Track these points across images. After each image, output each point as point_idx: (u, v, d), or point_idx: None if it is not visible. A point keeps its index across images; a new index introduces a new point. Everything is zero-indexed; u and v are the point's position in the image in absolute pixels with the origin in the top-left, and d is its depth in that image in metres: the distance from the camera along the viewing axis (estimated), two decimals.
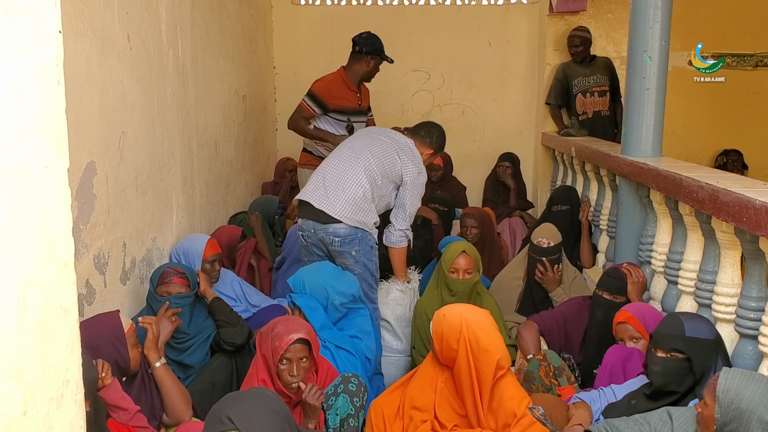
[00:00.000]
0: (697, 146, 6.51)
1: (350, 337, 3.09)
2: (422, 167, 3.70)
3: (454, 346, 2.54)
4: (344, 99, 4.78)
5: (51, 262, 1.19)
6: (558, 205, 4.71)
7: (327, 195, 3.46)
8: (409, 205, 3.64)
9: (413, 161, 3.65)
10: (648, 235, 3.66)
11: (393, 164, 3.59)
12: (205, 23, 4.29)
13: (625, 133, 3.86)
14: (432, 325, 2.63)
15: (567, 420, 2.57)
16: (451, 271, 3.54)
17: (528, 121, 6.67)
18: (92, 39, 2.68)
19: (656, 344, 2.43)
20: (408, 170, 3.62)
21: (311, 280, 3.12)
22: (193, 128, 4.02)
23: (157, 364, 2.63)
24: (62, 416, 1.23)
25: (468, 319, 2.58)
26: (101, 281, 2.78)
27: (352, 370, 2.95)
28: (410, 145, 3.71)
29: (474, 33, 6.59)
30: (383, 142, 3.64)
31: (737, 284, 2.69)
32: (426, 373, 2.68)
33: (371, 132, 3.86)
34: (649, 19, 3.61)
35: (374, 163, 3.53)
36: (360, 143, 3.66)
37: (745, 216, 2.35)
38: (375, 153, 3.57)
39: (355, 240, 3.46)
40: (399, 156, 3.61)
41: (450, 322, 2.56)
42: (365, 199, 3.47)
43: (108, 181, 2.82)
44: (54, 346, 1.20)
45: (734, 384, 1.93)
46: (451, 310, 2.65)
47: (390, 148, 3.61)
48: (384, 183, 3.56)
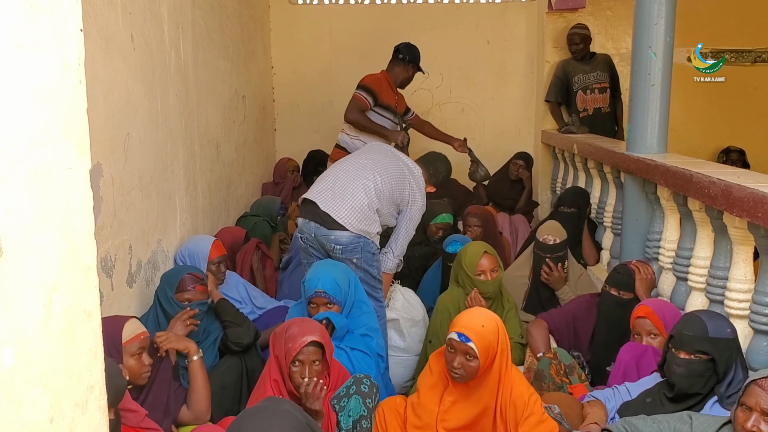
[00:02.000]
0: (696, 143, 6.50)
1: (361, 336, 3.07)
2: (425, 199, 3.73)
3: (495, 349, 2.54)
4: (389, 97, 5.05)
5: (75, 266, 1.16)
6: (565, 207, 4.68)
7: (334, 198, 3.39)
8: (409, 232, 3.67)
9: (420, 191, 3.67)
10: (655, 232, 3.65)
11: (402, 188, 3.58)
12: (206, 23, 4.26)
13: (629, 129, 3.85)
14: (477, 342, 2.49)
15: (582, 419, 2.55)
16: (478, 274, 3.52)
17: (527, 118, 6.65)
18: (97, 39, 2.65)
19: (680, 346, 2.40)
20: (415, 198, 3.62)
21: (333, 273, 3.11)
22: (195, 129, 4.00)
23: (195, 357, 2.68)
24: (87, 422, 1.21)
25: (494, 317, 2.62)
26: (108, 284, 2.75)
27: (368, 370, 2.93)
28: (420, 174, 3.72)
29: (472, 31, 6.58)
30: (398, 165, 3.63)
31: (750, 280, 2.68)
32: (432, 387, 2.65)
33: (387, 150, 3.85)
34: (653, 15, 3.59)
35: (386, 180, 3.50)
36: (376, 157, 3.64)
37: (760, 211, 2.33)
38: (389, 171, 3.55)
39: (357, 248, 3.38)
40: (409, 183, 3.61)
41: (490, 329, 2.54)
42: (371, 208, 3.41)
43: (114, 183, 2.79)
44: (78, 351, 1.18)
45: None
46: (479, 319, 2.58)
47: (403, 172, 3.61)
48: (389, 203, 3.53)
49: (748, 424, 1.96)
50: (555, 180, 6.04)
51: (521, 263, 4.12)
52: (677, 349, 2.40)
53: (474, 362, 2.49)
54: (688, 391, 2.39)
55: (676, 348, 2.41)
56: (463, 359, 2.50)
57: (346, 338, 3.04)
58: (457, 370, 2.50)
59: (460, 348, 2.50)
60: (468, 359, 2.49)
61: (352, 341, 3.04)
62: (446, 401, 2.60)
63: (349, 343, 3.02)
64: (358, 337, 3.06)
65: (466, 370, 2.50)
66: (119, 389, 2.05)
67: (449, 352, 2.53)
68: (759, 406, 1.95)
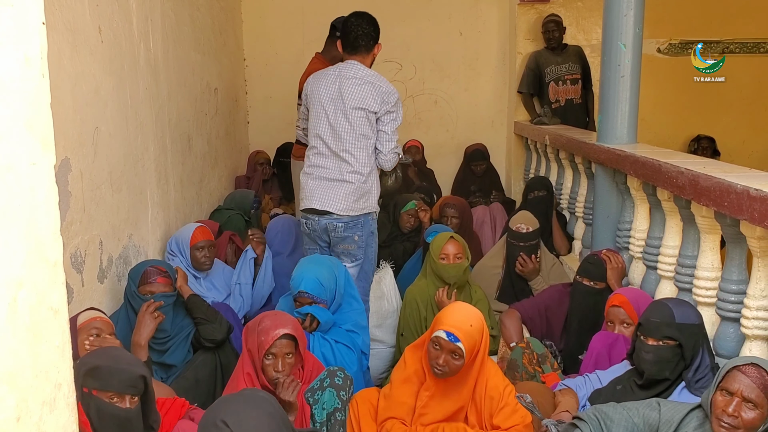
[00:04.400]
0: (665, 132, 6.58)
1: (347, 331, 3.07)
2: (390, 87, 3.58)
3: (479, 347, 2.54)
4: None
5: (40, 262, 1.15)
6: (534, 191, 4.74)
7: (327, 194, 3.49)
8: (395, 128, 3.60)
9: (381, 90, 3.52)
10: (625, 222, 3.70)
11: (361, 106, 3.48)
12: (176, 15, 4.21)
13: (600, 120, 3.89)
14: (465, 342, 2.48)
15: (554, 407, 2.58)
16: (441, 258, 3.54)
17: (500, 110, 6.69)
18: (63, 32, 2.61)
19: (647, 332, 2.43)
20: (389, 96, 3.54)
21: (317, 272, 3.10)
22: (166, 122, 3.95)
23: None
24: (55, 420, 1.20)
25: (479, 315, 2.63)
26: (79, 280, 2.72)
27: (351, 365, 2.95)
28: (366, 75, 3.54)
29: (445, 23, 6.58)
30: (342, 100, 3.49)
31: (717, 268, 2.73)
32: (408, 381, 2.63)
33: (325, 100, 3.54)
34: (623, 6, 3.62)
35: (350, 135, 3.48)
36: (325, 127, 3.53)
37: (726, 200, 2.37)
38: (342, 126, 3.49)
39: (357, 225, 3.52)
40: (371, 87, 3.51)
41: (477, 328, 2.55)
42: (360, 181, 3.48)
43: (83, 177, 2.75)
44: (45, 348, 1.16)
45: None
46: (466, 317, 2.57)
47: (351, 100, 3.49)
48: (367, 131, 3.50)
49: (729, 409, 1.98)
50: (528, 171, 6.08)
51: (494, 253, 4.15)
52: (646, 336, 2.44)
53: (459, 361, 2.48)
54: (657, 377, 2.43)
55: (644, 335, 2.45)
56: (448, 357, 2.48)
57: (331, 331, 3.06)
58: (441, 367, 2.49)
59: (447, 347, 2.48)
60: (454, 358, 2.48)
61: (338, 335, 3.05)
62: (423, 396, 2.59)
63: (335, 336, 3.03)
64: (344, 332, 3.07)
65: (450, 368, 2.49)
66: (139, 378, 2.02)
67: (434, 349, 2.50)
68: (741, 393, 1.97)
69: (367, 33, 3.59)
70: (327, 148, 3.51)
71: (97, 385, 1.97)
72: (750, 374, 1.98)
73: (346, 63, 3.60)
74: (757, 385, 1.97)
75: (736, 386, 1.98)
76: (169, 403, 2.30)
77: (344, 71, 3.55)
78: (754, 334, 2.42)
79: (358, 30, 3.58)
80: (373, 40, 3.62)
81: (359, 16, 3.64)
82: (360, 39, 3.57)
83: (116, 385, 1.97)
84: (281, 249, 4.11)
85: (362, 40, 3.57)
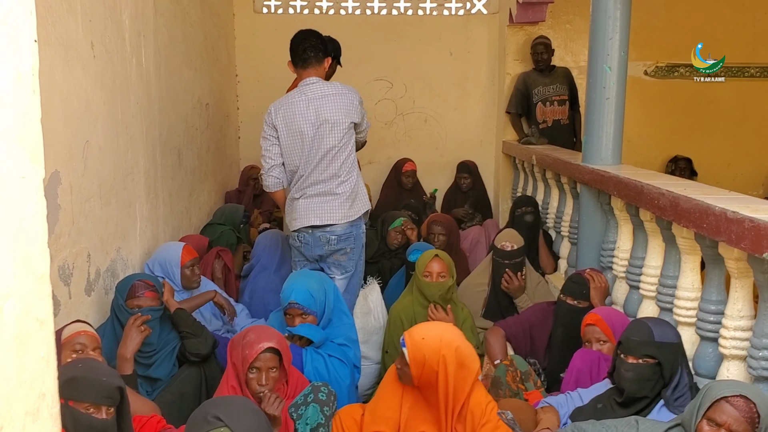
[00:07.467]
0: (651, 154, 6.67)
1: (339, 345, 3.10)
2: (352, 89, 3.69)
3: (435, 368, 2.44)
4: None
5: (28, 274, 1.17)
6: (522, 207, 4.78)
7: (323, 208, 3.58)
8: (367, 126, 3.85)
9: (349, 98, 3.62)
10: (609, 241, 3.74)
11: (345, 118, 3.60)
12: (168, 31, 4.25)
13: (585, 141, 3.94)
14: (409, 350, 2.45)
15: (535, 424, 2.61)
16: (425, 275, 3.57)
17: (489, 129, 6.76)
18: (56, 47, 2.64)
19: (627, 351, 2.47)
20: (353, 111, 3.62)
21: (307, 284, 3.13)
22: (157, 137, 3.98)
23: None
24: (38, 430, 1.21)
25: (447, 339, 2.49)
26: (66, 293, 2.73)
27: (344, 379, 2.98)
28: (334, 89, 3.62)
29: (435, 43, 6.66)
30: (323, 121, 3.56)
31: (697, 288, 2.77)
32: (389, 394, 2.61)
33: (305, 126, 3.58)
34: (608, 30, 3.69)
35: (334, 151, 3.58)
36: (308, 155, 3.59)
37: (705, 222, 2.42)
38: (327, 144, 3.57)
39: (350, 238, 3.62)
40: (344, 99, 3.60)
41: (430, 345, 2.43)
42: (349, 189, 3.60)
43: (72, 190, 2.77)
44: (30, 359, 1.18)
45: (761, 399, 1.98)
46: (428, 332, 2.51)
47: (333, 117, 3.56)
48: (348, 140, 3.62)
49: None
50: (515, 190, 6.14)
51: (480, 271, 4.19)
52: (626, 355, 2.47)
53: (406, 368, 2.46)
54: (636, 395, 2.46)
55: (624, 354, 2.48)
56: (401, 362, 2.49)
57: (324, 345, 3.10)
58: (398, 370, 2.51)
59: (399, 351, 2.51)
60: (403, 364, 2.46)
61: (331, 349, 3.08)
62: (404, 408, 2.61)
63: (327, 351, 3.07)
64: (336, 346, 3.10)
65: (403, 373, 2.49)
66: (114, 389, 2.03)
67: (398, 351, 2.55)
68: (728, 426, 1.96)
69: (314, 45, 3.65)
70: (313, 176, 3.58)
71: (73, 395, 1.97)
72: (738, 407, 1.97)
73: (306, 84, 3.63)
74: (745, 419, 1.96)
75: (724, 418, 1.97)
76: (144, 419, 2.31)
77: (309, 93, 3.59)
78: (731, 354, 2.45)
79: (305, 43, 3.65)
80: (322, 53, 3.67)
81: (305, 31, 3.71)
82: (308, 51, 3.63)
83: (93, 396, 1.98)
84: (268, 264, 4.13)
85: (311, 51, 3.63)
